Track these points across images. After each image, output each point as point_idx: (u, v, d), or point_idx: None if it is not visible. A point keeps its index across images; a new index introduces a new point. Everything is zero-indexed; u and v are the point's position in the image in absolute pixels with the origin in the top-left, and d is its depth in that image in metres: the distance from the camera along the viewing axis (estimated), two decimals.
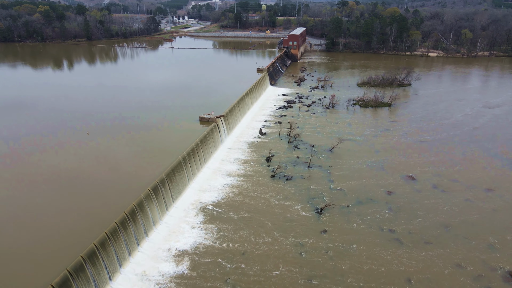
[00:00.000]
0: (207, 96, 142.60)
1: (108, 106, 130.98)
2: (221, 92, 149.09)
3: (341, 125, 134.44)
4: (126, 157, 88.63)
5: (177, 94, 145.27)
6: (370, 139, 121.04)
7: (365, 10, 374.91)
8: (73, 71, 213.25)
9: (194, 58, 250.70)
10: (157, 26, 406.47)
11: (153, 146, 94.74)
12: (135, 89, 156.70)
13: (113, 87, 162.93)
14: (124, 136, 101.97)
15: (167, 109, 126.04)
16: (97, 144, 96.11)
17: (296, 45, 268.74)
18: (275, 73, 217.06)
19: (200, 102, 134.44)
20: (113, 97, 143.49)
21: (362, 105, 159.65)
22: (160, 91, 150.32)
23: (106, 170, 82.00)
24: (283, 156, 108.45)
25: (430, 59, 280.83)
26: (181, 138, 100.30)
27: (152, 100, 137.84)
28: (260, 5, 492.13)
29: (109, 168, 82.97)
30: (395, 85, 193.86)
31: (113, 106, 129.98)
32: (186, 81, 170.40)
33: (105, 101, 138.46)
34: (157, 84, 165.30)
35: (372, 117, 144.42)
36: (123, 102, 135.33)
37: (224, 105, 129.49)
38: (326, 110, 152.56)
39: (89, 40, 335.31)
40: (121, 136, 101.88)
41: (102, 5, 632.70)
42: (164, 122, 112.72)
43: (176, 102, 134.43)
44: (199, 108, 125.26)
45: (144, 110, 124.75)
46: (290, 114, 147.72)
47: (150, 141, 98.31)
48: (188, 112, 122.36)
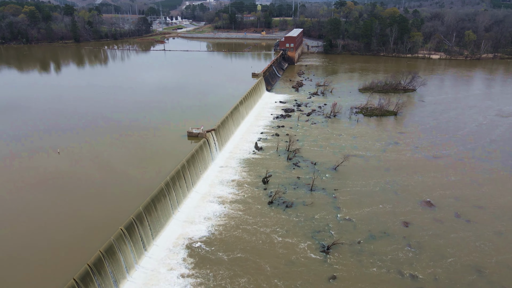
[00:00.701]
0: (197, 106, 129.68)
1: (84, 122, 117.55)
2: (213, 101, 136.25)
3: (345, 138, 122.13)
4: (100, 187, 75.60)
5: (164, 104, 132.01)
6: (378, 155, 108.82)
7: (363, 10, 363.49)
8: (54, 75, 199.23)
9: (185, 61, 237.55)
10: (149, 27, 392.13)
11: (132, 171, 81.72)
12: (119, 98, 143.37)
13: (93, 97, 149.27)
14: (98, 158, 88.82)
15: (152, 122, 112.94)
16: (63, 171, 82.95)
17: (293, 47, 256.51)
18: (272, 77, 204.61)
19: (189, 113, 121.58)
20: (93, 110, 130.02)
21: (366, 113, 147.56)
22: (146, 101, 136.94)
23: (71, 212, 68.90)
24: (281, 177, 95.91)
25: (432, 61, 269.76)
26: (165, 159, 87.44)
27: (134, 111, 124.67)
28: (255, 5, 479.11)
29: (76, 207, 69.92)
30: (399, 90, 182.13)
31: (92, 121, 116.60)
32: (174, 88, 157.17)
33: (79, 118, 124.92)
34: (143, 91, 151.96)
35: (378, 128, 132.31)
36: (104, 113, 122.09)
37: (216, 116, 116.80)
38: (327, 120, 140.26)
39: (77, 42, 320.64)
40: (94, 157, 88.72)
41: (94, 5, 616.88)
42: (147, 140, 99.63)
43: (163, 114, 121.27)
44: (188, 120, 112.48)
45: (124, 125, 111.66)
46: (289, 124, 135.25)
47: (129, 164, 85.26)
48: (176, 125, 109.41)
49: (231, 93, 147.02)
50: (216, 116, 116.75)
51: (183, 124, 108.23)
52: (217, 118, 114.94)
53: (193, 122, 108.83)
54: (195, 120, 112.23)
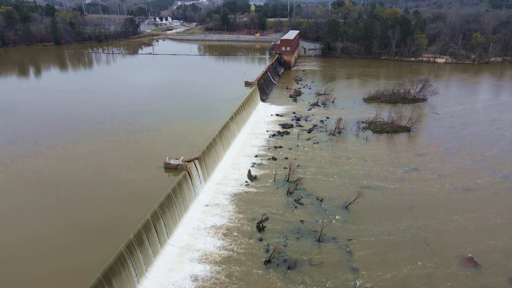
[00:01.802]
0: (179, 125, 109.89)
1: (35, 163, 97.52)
2: (199, 117, 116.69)
3: (354, 162, 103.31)
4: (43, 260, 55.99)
5: (138, 125, 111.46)
6: (397, 186, 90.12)
7: (362, 11, 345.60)
8: (25, 81, 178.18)
9: (172, 66, 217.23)
10: (136, 28, 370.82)
11: (89, 228, 62.02)
12: (87, 119, 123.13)
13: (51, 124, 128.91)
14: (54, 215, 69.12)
15: (121, 149, 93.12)
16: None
17: (290, 51, 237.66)
18: (267, 85, 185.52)
19: (170, 135, 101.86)
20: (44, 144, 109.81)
21: (375, 129, 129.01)
22: (117, 122, 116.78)
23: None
24: (281, 220, 76.81)
25: (437, 65, 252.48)
26: (130, 207, 67.80)
27: (98, 133, 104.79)
28: (248, 6, 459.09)
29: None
30: (408, 100, 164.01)
31: (51, 158, 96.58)
32: (154, 101, 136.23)
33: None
34: (115, 109, 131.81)
35: (392, 149, 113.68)
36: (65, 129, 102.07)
37: (201, 136, 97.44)
38: (331, 138, 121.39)
39: (58, 45, 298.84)
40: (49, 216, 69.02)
41: (79, 5, 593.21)
42: (113, 177, 79.91)
43: (137, 140, 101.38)
44: (167, 144, 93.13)
45: (82, 153, 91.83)
46: (287, 144, 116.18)
47: (82, 221, 65.56)
48: (151, 152, 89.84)
49: (220, 106, 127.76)
50: (202, 136, 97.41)
51: (160, 150, 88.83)
52: (203, 139, 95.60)
53: (173, 147, 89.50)
54: (175, 145, 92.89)
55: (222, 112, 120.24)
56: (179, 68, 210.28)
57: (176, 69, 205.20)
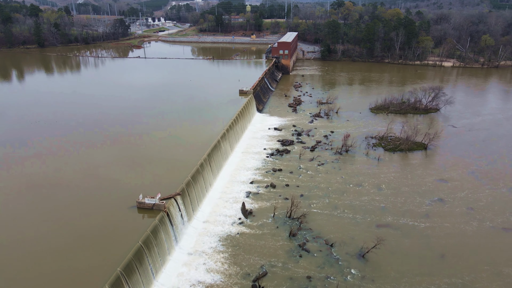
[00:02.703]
0: (162, 148, 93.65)
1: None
2: (185, 136, 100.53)
3: (367, 190, 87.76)
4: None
5: (110, 153, 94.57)
6: (422, 225, 74.62)
7: (363, 11, 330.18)
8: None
9: (160, 72, 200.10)
10: (127, 29, 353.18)
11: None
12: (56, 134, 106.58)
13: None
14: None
15: (89, 182, 76.88)
16: None
17: (288, 55, 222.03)
18: (264, 92, 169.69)
19: (148, 163, 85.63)
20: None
21: (387, 146, 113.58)
22: (83, 152, 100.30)
23: None
24: (282, 276, 61.05)
25: (444, 70, 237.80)
26: (91, 268, 51.73)
27: (59, 164, 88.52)
28: (244, 6, 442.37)
29: None
30: (419, 110, 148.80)
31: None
32: (133, 118, 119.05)
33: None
34: (88, 125, 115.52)
35: (408, 172, 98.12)
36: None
37: (186, 162, 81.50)
38: (338, 158, 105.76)
39: (41, 47, 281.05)
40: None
41: (72, 4, 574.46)
42: (68, 224, 63.73)
43: (110, 164, 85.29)
44: (144, 176, 77.17)
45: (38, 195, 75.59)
46: (288, 166, 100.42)
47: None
48: (124, 186, 73.75)
49: (211, 120, 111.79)
50: (186, 162, 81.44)
51: (135, 183, 72.86)
52: (187, 166, 79.62)
53: (150, 181, 73.58)
54: (153, 176, 76.88)
55: (212, 128, 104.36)
56: (168, 74, 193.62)
57: (164, 75, 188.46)
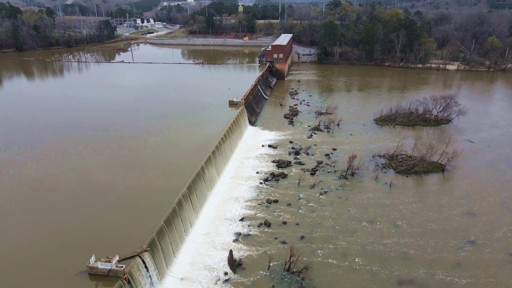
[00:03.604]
0: (129, 186, 77.45)
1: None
2: (160, 167, 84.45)
3: (380, 229, 72.59)
4: None
5: (68, 197, 79.12)
6: (455, 280, 59.36)
7: (361, 12, 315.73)
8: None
9: (144, 79, 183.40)
10: (113, 31, 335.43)
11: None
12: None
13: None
14: None
15: (29, 246, 60.80)
16: None
17: (283, 58, 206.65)
18: (257, 101, 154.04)
19: (109, 209, 69.54)
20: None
21: (398, 168, 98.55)
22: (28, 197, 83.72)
23: None
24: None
25: (448, 73, 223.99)
26: None
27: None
28: (236, 7, 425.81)
29: None
30: (429, 121, 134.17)
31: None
32: (98, 146, 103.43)
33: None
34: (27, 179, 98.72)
35: (427, 202, 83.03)
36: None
37: (161, 202, 65.64)
38: (343, 184, 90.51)
39: (19, 51, 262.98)
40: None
41: (58, 5, 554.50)
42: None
43: (62, 212, 69.13)
44: (100, 232, 61.26)
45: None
46: (285, 196, 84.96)
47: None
48: (69, 248, 57.67)
49: (195, 140, 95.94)
50: (161, 199, 65.62)
51: (90, 238, 56.94)
52: (162, 205, 63.81)
53: (111, 231, 57.71)
54: (115, 224, 61.01)
55: (196, 150, 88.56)
56: (151, 81, 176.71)
57: (147, 83, 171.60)
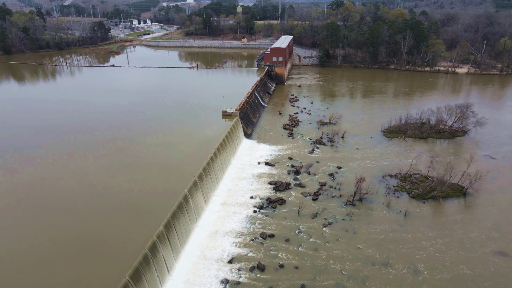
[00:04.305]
0: (98, 232, 65.20)
1: None
2: (132, 201, 72.20)
3: (398, 275, 60.15)
4: None
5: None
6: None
7: (365, 12, 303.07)
8: None
9: (133, 85, 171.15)
10: (107, 33, 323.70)
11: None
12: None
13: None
14: None
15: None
16: None
17: (282, 62, 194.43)
18: (254, 110, 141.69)
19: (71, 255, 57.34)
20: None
21: (413, 191, 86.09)
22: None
23: None
24: None
25: (457, 77, 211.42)
26: None
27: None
28: (235, 7, 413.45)
29: None
30: (443, 133, 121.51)
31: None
32: (65, 182, 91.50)
33: None
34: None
35: (450, 238, 70.46)
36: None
37: (130, 247, 53.36)
38: (351, 213, 78.12)
39: (7, 54, 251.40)
40: None
41: (55, 7, 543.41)
42: None
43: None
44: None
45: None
46: (282, 228, 72.63)
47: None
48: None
49: (179, 162, 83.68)
50: (131, 243, 53.36)
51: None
52: (130, 253, 51.58)
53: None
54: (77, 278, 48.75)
55: (180, 174, 76.30)
56: (140, 87, 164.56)
57: (134, 89, 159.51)
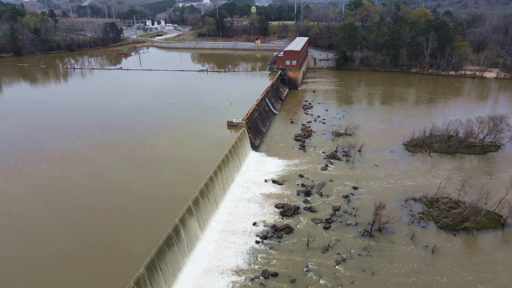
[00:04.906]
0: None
1: None
2: (104, 255, 63.15)
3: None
4: None
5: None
6: None
7: (385, 12, 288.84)
8: None
9: (136, 89, 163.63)
10: (119, 34, 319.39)
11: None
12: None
13: None
14: None
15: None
16: None
17: (296, 65, 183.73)
18: (263, 119, 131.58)
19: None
20: None
21: (441, 220, 74.47)
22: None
23: None
24: None
25: (485, 82, 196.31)
26: None
27: None
28: (249, 7, 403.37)
29: None
30: (474, 148, 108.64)
31: None
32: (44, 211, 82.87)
33: None
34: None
35: (493, 281, 58.83)
36: None
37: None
38: (368, 247, 67.25)
39: (18, 56, 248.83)
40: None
41: (71, 8, 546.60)
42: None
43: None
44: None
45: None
46: (288, 265, 62.39)
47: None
48: None
49: (175, 183, 74.42)
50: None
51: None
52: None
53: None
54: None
55: (174, 199, 66.98)
56: (145, 93, 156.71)
57: (139, 95, 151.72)
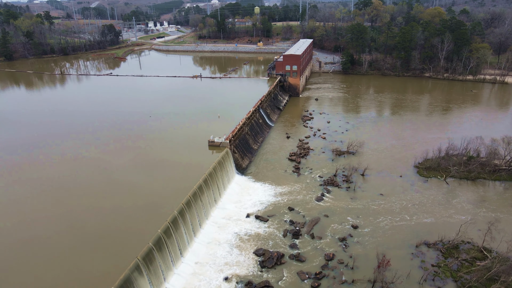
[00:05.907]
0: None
1: None
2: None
3: None
4: None
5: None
6: None
7: (396, 12, 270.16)
8: None
9: (118, 100, 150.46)
10: (118, 36, 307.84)
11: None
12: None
13: None
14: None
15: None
16: None
17: (297, 71, 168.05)
18: (255, 133, 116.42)
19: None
20: None
21: (462, 279, 58.58)
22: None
23: None
24: None
25: (506, 87, 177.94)
26: None
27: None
28: (253, 7, 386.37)
29: None
30: (499, 172, 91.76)
31: None
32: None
33: None
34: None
35: None
36: None
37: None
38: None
39: (9, 60, 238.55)
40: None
41: (75, 9, 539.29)
42: None
43: None
44: None
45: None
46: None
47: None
48: None
49: (128, 226, 60.10)
50: None
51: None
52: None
53: None
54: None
55: (122, 249, 52.65)
56: (126, 102, 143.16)
57: (118, 107, 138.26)
